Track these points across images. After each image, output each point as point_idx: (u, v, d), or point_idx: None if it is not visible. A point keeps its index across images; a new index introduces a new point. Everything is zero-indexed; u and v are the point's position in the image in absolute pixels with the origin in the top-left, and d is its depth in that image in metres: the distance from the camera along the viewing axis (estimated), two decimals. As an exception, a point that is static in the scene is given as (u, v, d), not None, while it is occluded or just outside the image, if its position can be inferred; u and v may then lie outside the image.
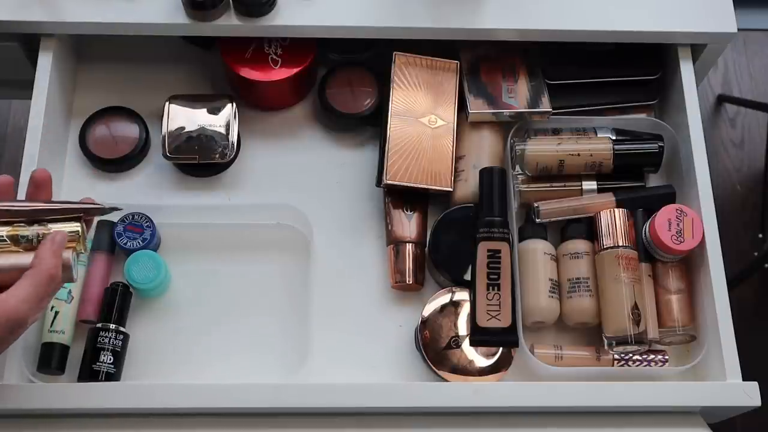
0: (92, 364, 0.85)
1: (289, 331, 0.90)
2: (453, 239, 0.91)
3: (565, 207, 0.92)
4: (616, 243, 0.88)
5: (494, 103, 0.96)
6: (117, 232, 0.90)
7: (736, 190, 1.80)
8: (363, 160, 1.00)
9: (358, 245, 0.95)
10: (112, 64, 1.03)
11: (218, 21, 0.93)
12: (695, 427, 0.84)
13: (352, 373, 0.88)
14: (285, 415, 0.84)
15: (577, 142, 0.94)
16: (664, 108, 1.02)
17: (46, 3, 0.93)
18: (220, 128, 0.95)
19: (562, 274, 0.90)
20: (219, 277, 0.93)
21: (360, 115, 0.99)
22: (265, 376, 0.88)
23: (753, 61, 1.94)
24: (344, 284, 0.93)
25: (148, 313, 0.91)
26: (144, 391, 0.81)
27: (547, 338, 0.91)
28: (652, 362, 0.87)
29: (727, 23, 0.96)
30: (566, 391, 0.82)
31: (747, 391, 0.82)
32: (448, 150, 0.95)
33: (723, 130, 1.86)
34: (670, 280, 0.90)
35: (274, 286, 0.93)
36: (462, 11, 0.94)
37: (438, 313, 0.88)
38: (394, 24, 0.94)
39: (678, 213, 0.89)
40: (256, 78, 0.96)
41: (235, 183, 0.98)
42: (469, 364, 0.86)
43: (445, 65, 0.98)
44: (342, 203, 0.97)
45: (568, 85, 0.98)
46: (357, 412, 0.84)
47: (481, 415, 0.84)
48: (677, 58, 0.98)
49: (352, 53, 1.02)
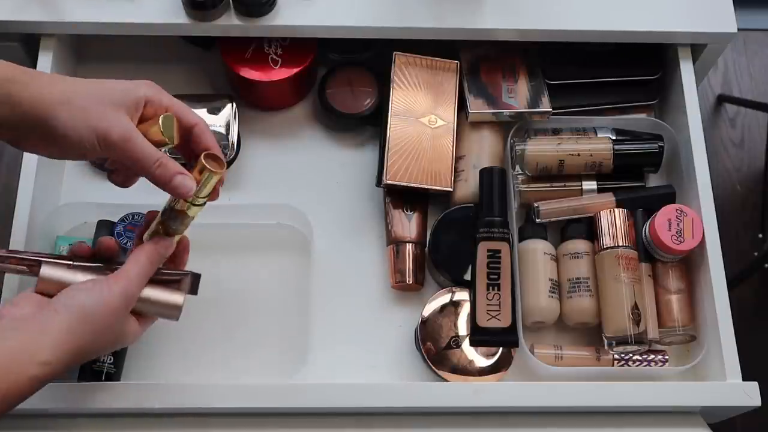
0: (92, 364, 0.85)
1: (289, 332, 0.90)
2: (453, 239, 0.91)
3: (565, 207, 0.92)
4: (616, 243, 0.88)
5: (494, 103, 0.96)
6: (117, 232, 0.90)
7: (736, 190, 1.81)
8: (363, 160, 1.00)
9: (358, 245, 0.95)
10: (112, 64, 1.03)
11: (218, 21, 0.93)
12: (695, 427, 0.84)
13: (352, 372, 0.88)
14: (285, 415, 0.84)
15: (577, 142, 0.94)
16: (664, 108, 1.02)
17: (46, 3, 0.93)
18: (220, 128, 0.95)
19: (562, 274, 0.90)
20: (219, 277, 0.93)
21: (360, 115, 0.99)
22: (265, 376, 0.88)
23: (753, 61, 1.94)
24: (344, 284, 0.93)
25: (148, 313, 0.91)
26: (144, 391, 0.81)
27: (547, 338, 0.91)
28: (652, 362, 0.87)
29: (727, 23, 0.96)
30: (566, 391, 0.82)
31: (747, 391, 0.82)
32: (448, 150, 0.95)
33: (723, 130, 1.86)
34: (670, 280, 0.90)
35: (274, 286, 0.93)
36: (462, 11, 0.94)
37: (438, 313, 0.88)
38: (394, 24, 0.94)
39: (678, 213, 0.89)
40: (256, 78, 0.96)
41: (235, 183, 0.98)
42: (469, 364, 0.86)
43: (445, 65, 0.98)
44: (342, 203, 0.97)
45: (568, 85, 0.98)
46: (357, 412, 0.84)
47: (481, 415, 0.84)
48: (677, 58, 0.98)
49: (352, 53, 1.02)
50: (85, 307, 0.68)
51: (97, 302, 0.68)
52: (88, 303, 0.68)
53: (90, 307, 0.68)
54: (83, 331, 0.67)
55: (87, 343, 0.68)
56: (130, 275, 0.71)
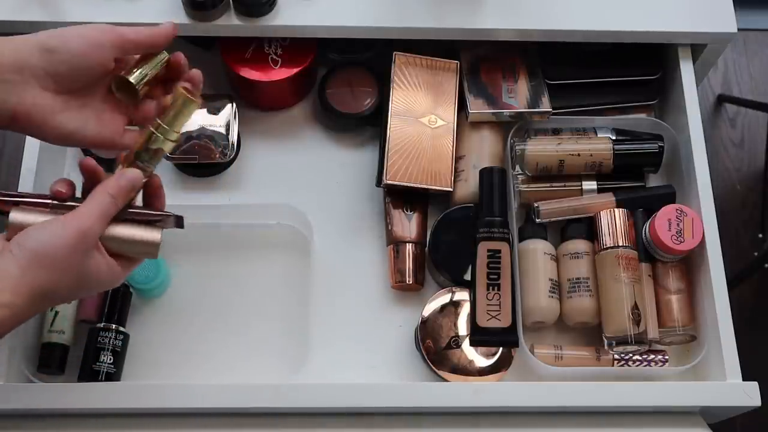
0: (92, 364, 0.85)
1: (289, 331, 0.90)
2: (453, 239, 0.91)
3: (565, 207, 0.92)
4: (616, 243, 0.88)
5: (494, 103, 0.96)
6: (117, 232, 0.90)
7: (736, 189, 1.80)
8: (363, 160, 1.00)
9: (358, 245, 0.95)
10: (112, 64, 1.03)
11: (218, 21, 0.93)
12: (695, 427, 0.84)
13: (352, 373, 0.88)
14: (285, 415, 0.84)
15: (577, 142, 0.94)
16: (664, 108, 1.02)
17: (46, 3, 0.93)
18: (220, 128, 0.95)
19: (562, 274, 0.90)
20: (219, 277, 0.93)
21: (360, 115, 0.99)
22: (265, 376, 0.88)
23: (753, 61, 1.94)
24: (344, 284, 0.93)
25: (148, 313, 0.91)
26: (144, 391, 0.81)
27: (547, 338, 0.91)
28: (652, 362, 0.87)
29: (727, 23, 0.96)
30: (566, 391, 0.82)
31: (747, 391, 0.82)
32: (448, 150, 0.95)
33: (723, 130, 1.86)
34: (670, 280, 0.90)
35: (274, 286, 0.93)
36: (462, 11, 0.94)
37: (438, 313, 0.88)
38: (394, 24, 0.94)
39: (678, 213, 0.89)
40: (256, 78, 0.96)
41: (235, 183, 0.98)
42: (469, 364, 0.86)
43: (445, 65, 0.98)
44: (342, 203, 0.97)
45: (568, 85, 0.98)
46: (357, 412, 0.84)
47: (481, 415, 0.84)
48: (677, 58, 0.98)
49: (352, 53, 1.02)
50: (38, 246, 0.65)
51: (49, 241, 0.66)
52: (41, 241, 0.65)
53: (43, 247, 0.65)
54: (39, 271, 0.65)
55: (46, 283, 0.65)
56: (85, 210, 0.68)
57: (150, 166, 0.73)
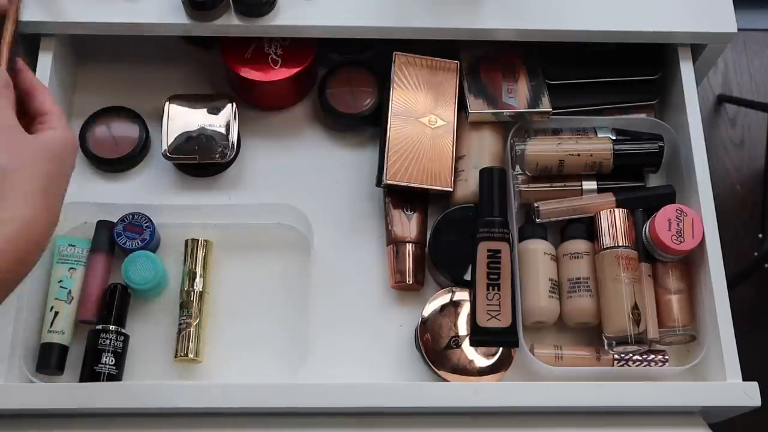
0: (94, 365, 0.85)
1: (289, 331, 0.90)
2: (453, 239, 0.91)
3: (565, 207, 0.92)
4: (616, 243, 0.88)
5: (494, 103, 0.96)
6: (116, 232, 0.90)
7: (736, 190, 1.81)
8: (363, 160, 1.00)
9: (358, 245, 0.95)
10: (112, 64, 1.03)
11: (218, 21, 0.93)
12: (695, 427, 0.84)
13: (352, 373, 0.88)
14: (285, 415, 0.84)
15: (577, 142, 0.94)
16: (664, 108, 1.02)
17: (46, 3, 0.93)
18: (220, 128, 0.95)
19: (562, 274, 0.90)
20: (219, 277, 0.93)
21: (360, 115, 0.99)
22: (265, 376, 0.88)
23: (753, 61, 1.94)
24: (344, 284, 0.93)
25: (148, 313, 0.91)
26: (144, 391, 0.81)
27: (547, 338, 0.91)
28: (652, 362, 0.87)
29: (727, 23, 0.96)
30: (566, 391, 0.82)
31: (747, 391, 0.82)
32: (448, 150, 0.95)
33: (723, 130, 1.86)
34: (670, 280, 0.90)
35: (274, 286, 0.93)
36: (462, 11, 0.94)
37: (438, 313, 0.88)
38: (394, 24, 0.94)
39: (678, 213, 0.89)
40: (256, 78, 0.96)
41: (235, 183, 0.98)
42: (469, 364, 0.86)
43: (445, 65, 0.98)
44: (342, 203, 0.97)
45: (568, 85, 0.98)
46: (357, 412, 0.84)
47: (481, 415, 0.84)
48: (677, 58, 0.98)
49: (352, 53, 1.02)
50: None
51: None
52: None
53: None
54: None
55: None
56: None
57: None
